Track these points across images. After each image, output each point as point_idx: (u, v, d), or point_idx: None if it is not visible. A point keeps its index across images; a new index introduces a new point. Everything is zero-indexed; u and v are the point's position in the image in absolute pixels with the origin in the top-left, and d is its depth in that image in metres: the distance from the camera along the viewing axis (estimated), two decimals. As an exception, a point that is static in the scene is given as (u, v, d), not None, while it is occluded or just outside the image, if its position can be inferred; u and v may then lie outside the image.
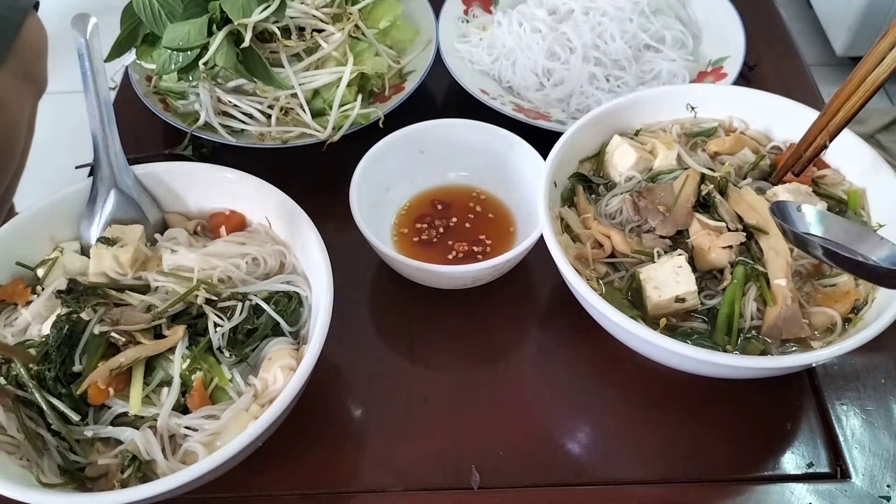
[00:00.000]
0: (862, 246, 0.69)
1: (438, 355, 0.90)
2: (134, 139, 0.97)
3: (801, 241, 0.70)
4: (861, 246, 0.69)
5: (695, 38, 1.21)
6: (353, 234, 0.89)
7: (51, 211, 0.87)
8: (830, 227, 0.71)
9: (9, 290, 0.82)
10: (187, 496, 0.72)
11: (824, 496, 0.78)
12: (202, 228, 0.91)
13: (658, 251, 0.83)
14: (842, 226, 0.71)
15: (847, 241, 0.69)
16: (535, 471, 0.80)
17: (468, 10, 1.25)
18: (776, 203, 0.73)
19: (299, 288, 0.83)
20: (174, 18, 0.98)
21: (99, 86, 0.87)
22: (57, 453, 0.73)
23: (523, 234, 0.94)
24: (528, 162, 0.95)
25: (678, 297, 0.78)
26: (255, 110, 1.05)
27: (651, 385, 0.86)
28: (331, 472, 0.81)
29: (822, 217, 0.71)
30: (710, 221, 0.83)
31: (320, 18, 1.07)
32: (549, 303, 0.95)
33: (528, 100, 1.15)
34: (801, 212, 0.71)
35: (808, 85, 1.22)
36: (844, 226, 0.71)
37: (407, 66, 1.15)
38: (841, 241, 0.69)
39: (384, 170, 0.97)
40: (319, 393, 0.85)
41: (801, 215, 0.71)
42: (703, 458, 0.81)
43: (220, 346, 0.77)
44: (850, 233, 0.70)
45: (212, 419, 0.73)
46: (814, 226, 0.71)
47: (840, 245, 0.69)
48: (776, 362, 0.74)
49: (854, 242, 0.69)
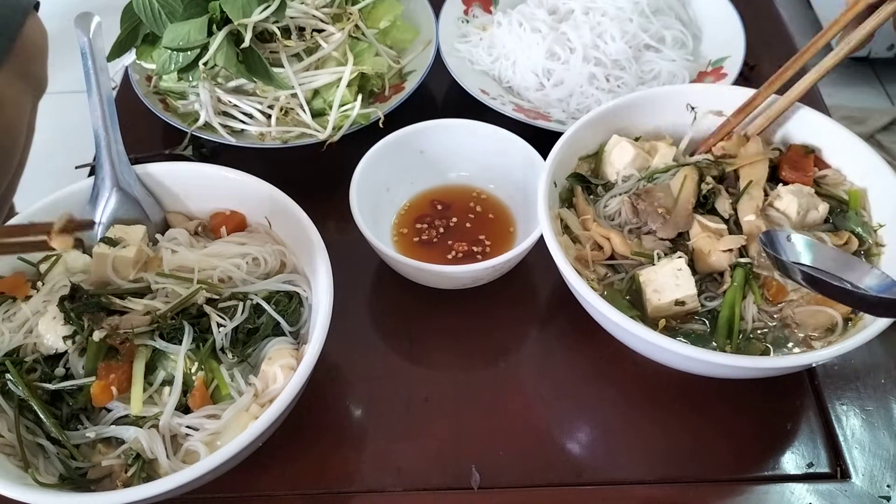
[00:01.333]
0: (851, 274, 0.70)
1: (438, 355, 0.90)
2: (134, 139, 0.97)
3: (788, 270, 0.71)
4: (850, 274, 0.70)
5: (695, 38, 1.21)
6: (353, 234, 0.89)
7: (53, 208, 0.87)
8: (819, 255, 0.72)
9: (10, 283, 0.82)
10: (187, 496, 0.72)
11: (824, 496, 0.78)
12: (203, 228, 0.91)
13: (658, 253, 0.83)
14: (830, 254, 0.73)
15: (836, 269, 0.70)
16: (535, 471, 0.80)
17: (468, 11, 1.25)
18: (766, 233, 0.74)
19: (299, 288, 0.84)
20: (174, 18, 0.98)
21: (102, 85, 0.87)
22: (58, 461, 0.73)
23: (523, 234, 0.94)
24: (528, 162, 0.95)
25: (678, 301, 0.78)
26: (255, 110, 1.05)
27: (651, 385, 0.86)
28: (331, 472, 0.81)
29: (811, 246, 0.72)
30: (711, 224, 0.83)
31: (320, 18, 1.07)
32: (549, 303, 0.95)
33: (528, 100, 1.15)
34: (790, 241, 0.72)
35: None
36: (833, 254, 0.73)
37: (407, 66, 1.15)
38: (830, 270, 0.70)
39: (384, 170, 0.97)
40: (319, 393, 0.85)
41: (791, 244, 0.72)
42: (702, 458, 0.81)
43: (223, 347, 0.77)
44: (839, 261, 0.71)
45: (213, 419, 0.73)
46: (803, 255, 0.72)
47: (829, 274, 0.70)
48: (776, 362, 0.74)
49: (843, 271, 0.70)
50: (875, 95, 2.43)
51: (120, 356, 0.75)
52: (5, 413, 0.74)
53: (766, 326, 0.79)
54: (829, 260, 0.71)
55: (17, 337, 0.79)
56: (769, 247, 0.71)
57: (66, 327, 0.76)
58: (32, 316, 0.80)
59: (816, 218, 0.85)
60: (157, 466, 0.72)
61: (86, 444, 0.74)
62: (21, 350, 0.78)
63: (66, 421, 0.75)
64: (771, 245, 0.72)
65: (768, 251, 0.71)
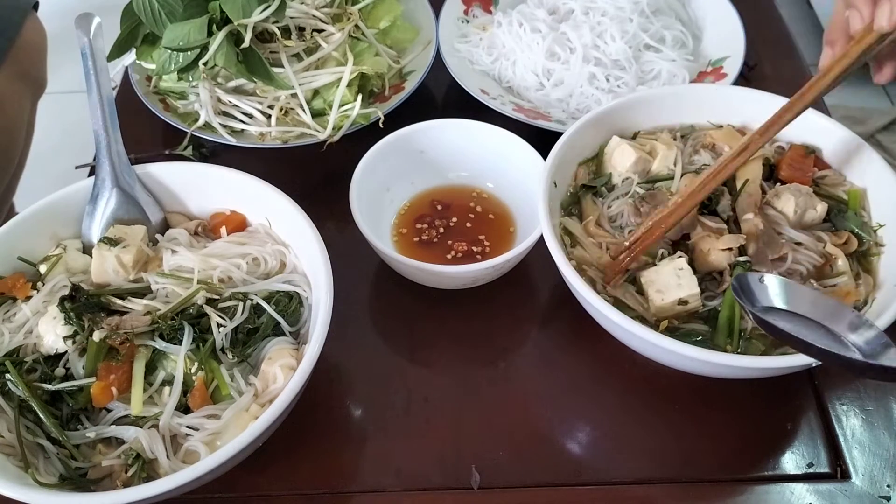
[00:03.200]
0: (836, 324, 0.61)
1: (438, 355, 0.90)
2: (134, 139, 0.97)
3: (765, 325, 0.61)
4: (835, 324, 0.61)
5: (695, 38, 1.21)
6: (353, 234, 0.89)
7: (53, 208, 0.87)
8: (796, 299, 0.62)
9: (9, 283, 0.82)
10: (187, 496, 0.72)
11: (824, 496, 0.78)
12: (203, 229, 0.91)
13: (661, 252, 0.83)
14: (810, 298, 0.63)
15: (817, 315, 0.61)
16: (535, 471, 0.80)
17: (468, 11, 1.25)
18: (738, 277, 0.67)
19: (299, 288, 0.84)
20: (174, 18, 0.98)
21: (102, 85, 0.87)
22: (58, 461, 0.73)
23: (523, 234, 0.94)
24: (528, 162, 0.95)
25: (681, 300, 0.78)
26: (255, 110, 1.05)
27: (651, 385, 0.86)
28: (331, 472, 0.81)
29: (787, 288, 0.63)
30: (712, 224, 0.83)
31: (320, 18, 1.07)
32: (549, 303, 0.95)
33: (528, 100, 1.15)
34: (763, 283, 0.64)
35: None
36: (813, 298, 0.63)
37: (407, 66, 1.15)
38: (810, 316, 0.61)
39: (384, 170, 0.97)
40: (319, 393, 0.85)
41: (764, 287, 0.64)
42: (702, 457, 0.81)
43: (223, 347, 0.77)
44: (821, 307, 0.62)
45: (213, 419, 0.73)
46: (777, 299, 0.63)
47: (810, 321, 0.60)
48: (776, 362, 0.74)
49: (827, 319, 0.61)
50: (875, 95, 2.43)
51: (120, 356, 0.75)
52: (5, 413, 0.74)
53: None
54: (809, 304, 0.62)
55: (17, 337, 0.79)
56: (739, 294, 0.62)
57: (66, 327, 0.76)
58: (32, 316, 0.80)
59: (815, 217, 0.85)
60: (157, 466, 0.72)
61: (86, 445, 0.74)
62: (21, 350, 0.78)
63: (66, 421, 0.75)
64: (741, 291, 0.63)
65: (738, 299, 0.62)
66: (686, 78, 1.15)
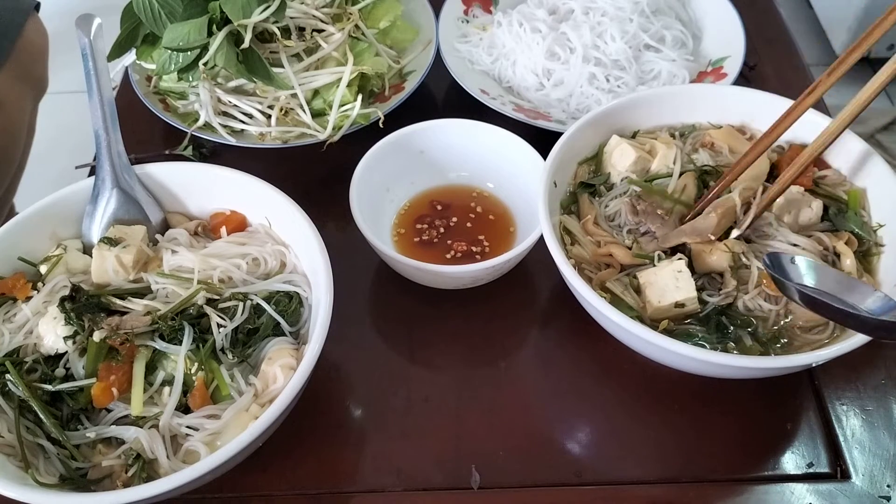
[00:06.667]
0: (853, 297, 0.70)
1: (438, 355, 0.90)
2: (134, 139, 0.98)
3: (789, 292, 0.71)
4: (852, 297, 0.70)
5: (695, 38, 1.21)
6: (353, 234, 0.89)
7: (53, 208, 0.87)
8: (822, 278, 0.72)
9: (10, 283, 0.82)
10: (187, 496, 0.72)
11: (824, 496, 0.78)
12: (203, 229, 0.91)
13: (658, 254, 0.83)
14: (833, 277, 0.73)
15: (838, 291, 0.70)
16: (535, 471, 0.80)
17: (468, 11, 1.25)
18: (770, 254, 0.74)
19: (299, 288, 0.84)
20: (174, 18, 0.98)
21: (102, 86, 0.87)
22: (58, 461, 0.73)
23: (523, 234, 0.94)
24: (528, 162, 0.95)
25: (678, 303, 0.78)
26: (255, 110, 1.05)
27: (651, 385, 0.86)
28: (331, 472, 0.81)
29: (814, 268, 0.73)
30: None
31: (320, 18, 1.07)
32: (549, 303, 0.95)
33: (528, 100, 1.15)
34: (794, 263, 0.73)
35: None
36: (836, 277, 0.73)
37: (407, 66, 1.15)
38: (833, 292, 0.70)
39: (384, 170, 0.97)
40: (319, 393, 0.85)
41: (795, 267, 0.73)
42: (702, 457, 0.81)
43: (223, 347, 0.77)
44: (842, 284, 0.71)
45: (213, 419, 0.74)
46: (806, 276, 0.72)
47: (831, 296, 0.70)
48: (776, 362, 0.74)
49: (845, 293, 0.70)
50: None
51: (120, 357, 0.75)
52: (5, 413, 0.74)
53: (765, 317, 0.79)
54: (832, 282, 0.71)
55: (17, 337, 0.79)
56: (773, 268, 0.72)
57: (66, 328, 0.76)
58: (33, 316, 0.80)
59: (810, 216, 0.85)
60: (157, 466, 0.72)
61: (86, 445, 0.74)
62: (21, 350, 0.78)
63: (66, 421, 0.75)
64: (775, 267, 0.72)
65: (772, 273, 0.72)
66: (686, 78, 1.15)
